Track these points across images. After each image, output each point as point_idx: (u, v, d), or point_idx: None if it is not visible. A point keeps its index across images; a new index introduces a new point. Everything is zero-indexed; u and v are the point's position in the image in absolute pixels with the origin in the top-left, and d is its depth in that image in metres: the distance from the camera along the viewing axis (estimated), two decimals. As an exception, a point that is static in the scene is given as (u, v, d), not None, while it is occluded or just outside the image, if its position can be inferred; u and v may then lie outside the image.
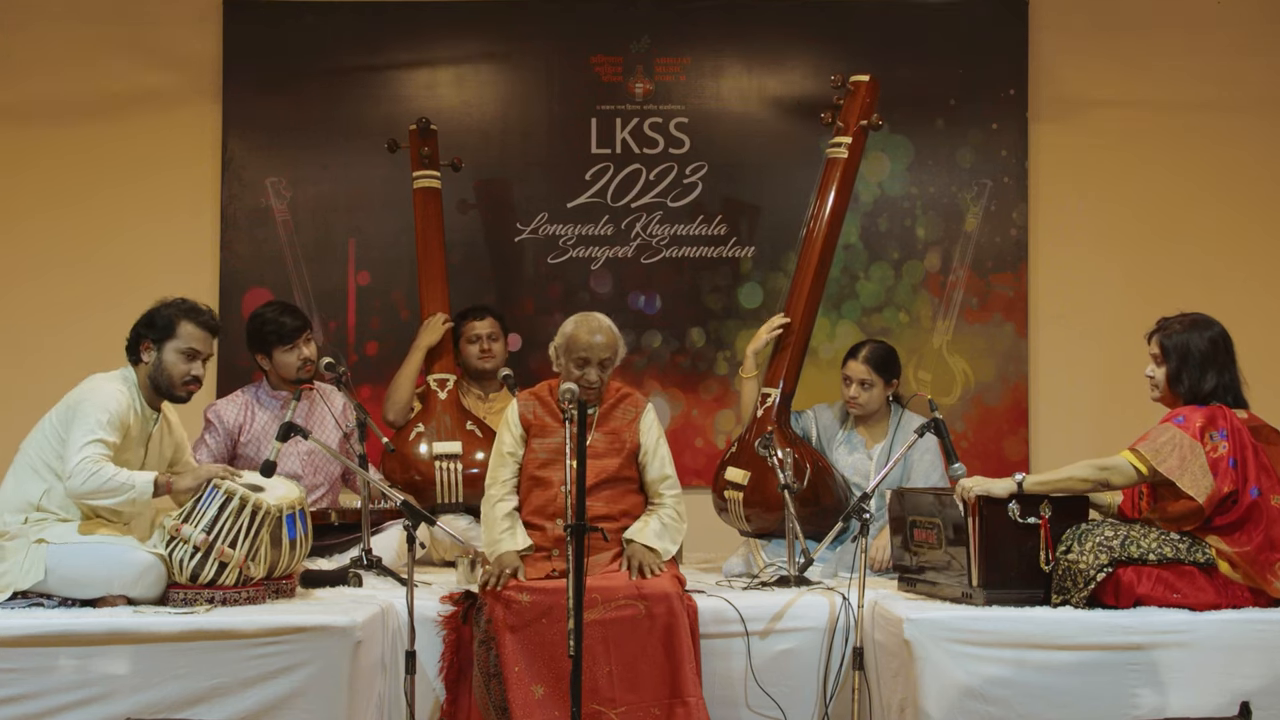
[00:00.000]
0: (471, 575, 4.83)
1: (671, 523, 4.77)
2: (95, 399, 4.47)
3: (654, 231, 6.55)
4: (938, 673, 4.25)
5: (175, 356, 4.58)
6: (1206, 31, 6.59)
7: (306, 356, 5.47)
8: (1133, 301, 6.44)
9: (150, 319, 4.61)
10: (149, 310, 4.64)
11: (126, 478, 4.41)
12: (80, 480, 4.37)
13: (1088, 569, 4.33)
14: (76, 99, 6.53)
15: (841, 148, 5.54)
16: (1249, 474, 4.36)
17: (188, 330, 4.60)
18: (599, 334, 4.72)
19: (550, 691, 4.38)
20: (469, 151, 6.26)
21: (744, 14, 6.58)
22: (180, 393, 4.63)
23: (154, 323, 4.60)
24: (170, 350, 4.58)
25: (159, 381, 4.59)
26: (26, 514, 4.45)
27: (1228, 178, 6.59)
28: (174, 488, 4.47)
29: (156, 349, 4.58)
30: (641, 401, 4.89)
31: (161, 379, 4.59)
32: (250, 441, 5.44)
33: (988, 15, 6.57)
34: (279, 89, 6.54)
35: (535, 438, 4.81)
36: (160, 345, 4.58)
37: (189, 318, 4.61)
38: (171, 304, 4.64)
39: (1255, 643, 4.26)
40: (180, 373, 4.59)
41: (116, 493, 4.39)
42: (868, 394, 5.38)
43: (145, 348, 4.59)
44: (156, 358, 4.58)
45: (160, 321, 4.59)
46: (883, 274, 6.57)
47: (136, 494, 4.40)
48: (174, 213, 6.54)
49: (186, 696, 4.08)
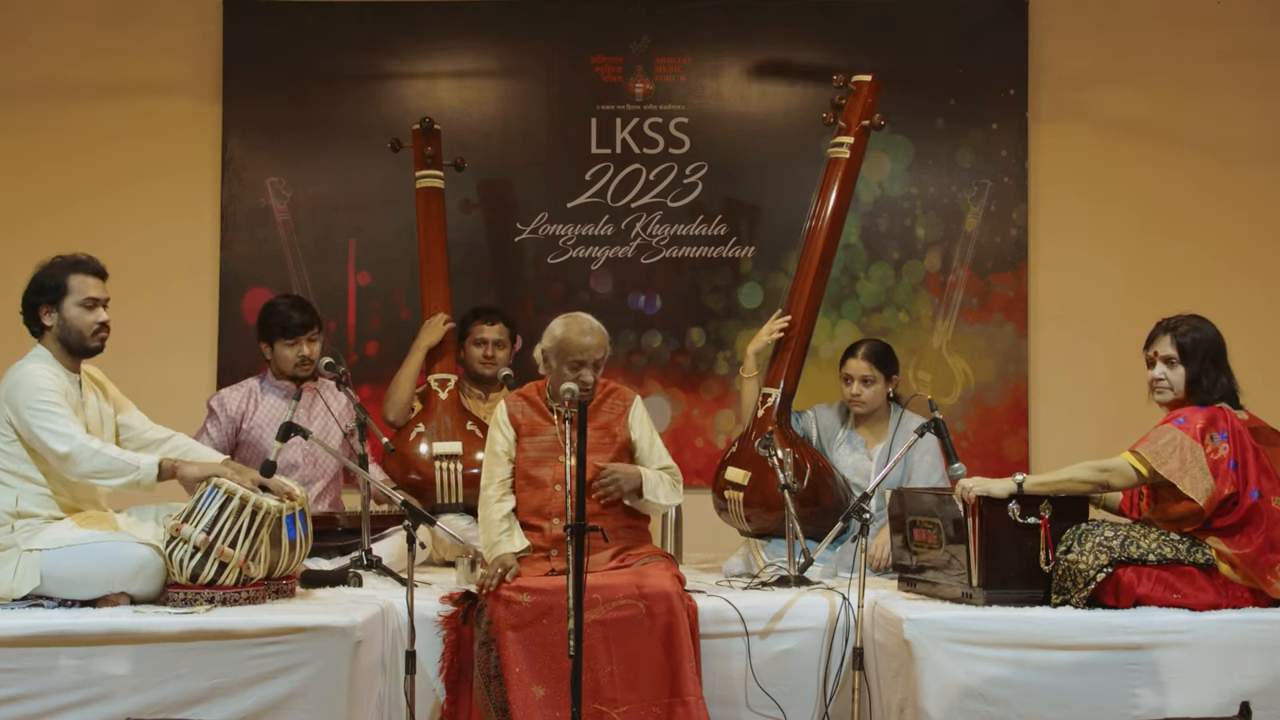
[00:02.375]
0: (471, 575, 4.83)
1: (667, 481, 4.82)
2: (29, 384, 4.41)
3: (654, 231, 6.56)
4: (938, 673, 4.25)
5: (77, 310, 4.52)
6: (1206, 31, 6.59)
7: (306, 355, 5.47)
8: (1133, 301, 6.44)
9: (38, 285, 4.53)
10: (32, 279, 4.56)
11: (131, 457, 4.41)
12: (84, 460, 4.35)
13: (1088, 569, 4.33)
14: (76, 99, 6.53)
15: (843, 148, 5.54)
16: (1250, 476, 4.36)
17: (79, 281, 4.53)
18: (589, 335, 4.72)
19: (551, 692, 4.38)
20: (469, 151, 6.26)
21: (744, 14, 6.58)
22: (93, 344, 4.56)
23: (43, 286, 4.53)
24: (70, 306, 4.52)
25: (69, 340, 4.53)
26: (10, 523, 4.42)
27: (1228, 178, 6.59)
28: (180, 474, 4.46)
29: (55, 310, 4.52)
30: (629, 395, 4.91)
31: (71, 336, 4.53)
32: (253, 429, 5.46)
33: (988, 15, 6.57)
34: (279, 89, 6.54)
35: (525, 437, 4.82)
36: (58, 305, 4.52)
37: (75, 269, 4.55)
38: (51, 263, 4.57)
39: (1255, 643, 4.25)
40: (87, 324, 4.53)
41: (121, 473, 4.38)
42: (869, 390, 5.39)
43: (45, 312, 4.52)
44: (59, 318, 4.51)
45: (49, 283, 4.52)
46: (883, 274, 6.57)
47: (140, 475, 4.39)
48: (174, 213, 6.54)
49: (186, 696, 4.08)
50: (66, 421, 4.39)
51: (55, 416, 4.39)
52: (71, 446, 4.35)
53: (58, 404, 4.41)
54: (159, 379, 6.14)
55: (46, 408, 4.39)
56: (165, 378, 6.27)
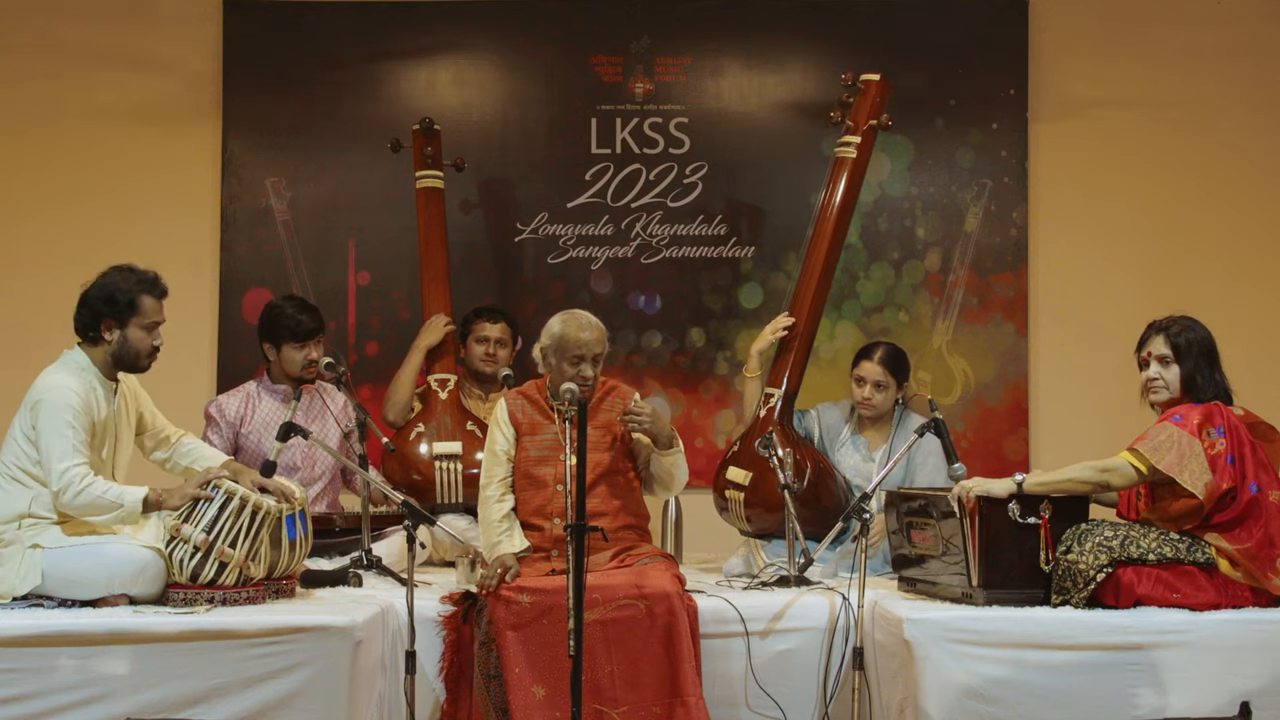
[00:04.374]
0: (471, 575, 4.83)
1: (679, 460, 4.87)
2: (53, 399, 4.40)
3: (654, 231, 6.55)
4: (938, 673, 4.25)
5: (140, 333, 4.51)
6: (1206, 31, 6.58)
7: (314, 358, 5.48)
8: (1133, 301, 6.43)
9: (110, 297, 4.48)
10: (101, 287, 4.50)
11: (116, 495, 4.38)
12: (70, 497, 4.34)
13: (1088, 569, 4.33)
14: (76, 100, 6.53)
15: (850, 147, 5.53)
16: (1247, 470, 4.36)
17: (149, 304, 4.52)
18: (588, 330, 4.73)
19: (551, 692, 4.37)
20: (469, 152, 6.26)
21: (744, 14, 6.58)
22: (144, 364, 4.56)
23: (115, 300, 4.48)
24: (135, 327, 4.50)
25: (123, 358, 4.52)
26: (17, 522, 4.42)
27: (1228, 177, 6.59)
28: (164, 505, 4.42)
29: (120, 328, 4.49)
30: (628, 393, 4.92)
31: (126, 354, 4.52)
32: (252, 433, 5.46)
33: (988, 15, 6.57)
34: (279, 89, 6.54)
35: (525, 436, 4.83)
36: (123, 323, 4.50)
37: (148, 291, 4.53)
38: (124, 278, 4.52)
39: (1255, 643, 4.26)
40: (146, 347, 4.53)
41: (106, 510, 4.36)
42: (881, 395, 5.38)
43: (107, 327, 4.50)
44: (120, 336, 4.50)
45: (122, 299, 4.48)
46: (883, 274, 6.57)
47: (125, 512, 4.37)
48: (174, 213, 6.53)
49: (186, 696, 4.08)
50: (71, 451, 4.36)
51: (65, 440, 4.36)
52: (61, 484, 4.34)
53: (73, 427, 4.38)
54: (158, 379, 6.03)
55: (60, 428, 4.37)
56: (165, 377, 6.18)
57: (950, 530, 4.52)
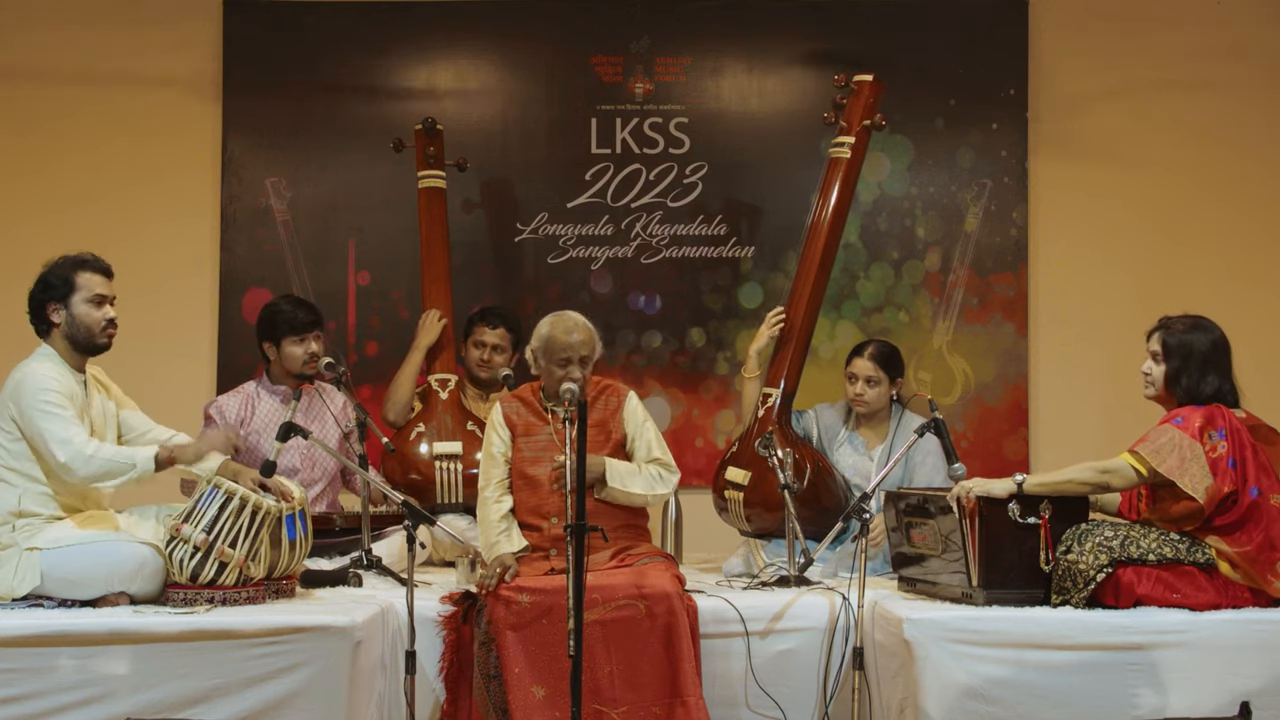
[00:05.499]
0: (471, 575, 4.83)
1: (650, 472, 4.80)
2: (32, 384, 4.42)
3: (654, 231, 6.56)
4: (938, 673, 4.25)
5: (85, 307, 4.53)
6: (1206, 31, 6.59)
7: (314, 351, 5.47)
8: (1133, 301, 6.44)
9: (45, 283, 4.54)
10: (39, 277, 4.56)
11: (128, 455, 4.41)
12: (82, 465, 4.36)
13: (1088, 569, 4.33)
14: (76, 99, 6.53)
15: (844, 148, 5.54)
16: (1248, 474, 4.36)
17: (86, 278, 4.55)
18: (575, 332, 4.74)
19: (551, 692, 4.37)
20: (469, 151, 6.26)
21: (744, 14, 6.58)
22: (101, 340, 4.58)
23: (50, 284, 4.53)
24: (78, 303, 4.53)
25: (77, 338, 4.54)
26: (11, 522, 4.42)
27: (1228, 177, 6.59)
28: (177, 459, 4.46)
29: (64, 307, 4.53)
30: (623, 391, 4.92)
31: (79, 333, 4.54)
32: (251, 434, 5.45)
33: (988, 15, 6.57)
34: (279, 89, 6.54)
35: (520, 437, 4.83)
36: (65, 302, 4.52)
37: (82, 267, 4.56)
38: (58, 262, 4.58)
39: (1255, 643, 4.26)
40: (95, 320, 4.55)
41: (119, 472, 4.39)
42: (874, 391, 5.38)
43: (52, 310, 4.53)
44: (66, 315, 4.52)
45: (56, 280, 4.53)
46: (883, 274, 6.57)
47: (139, 472, 4.41)
48: (174, 213, 6.53)
49: (186, 696, 4.08)
50: (67, 425, 4.39)
51: (57, 418, 4.39)
52: (69, 454, 4.36)
53: (61, 405, 4.41)
54: (159, 379, 6.13)
55: (49, 409, 4.40)
56: (165, 377, 6.26)
57: (950, 530, 4.52)
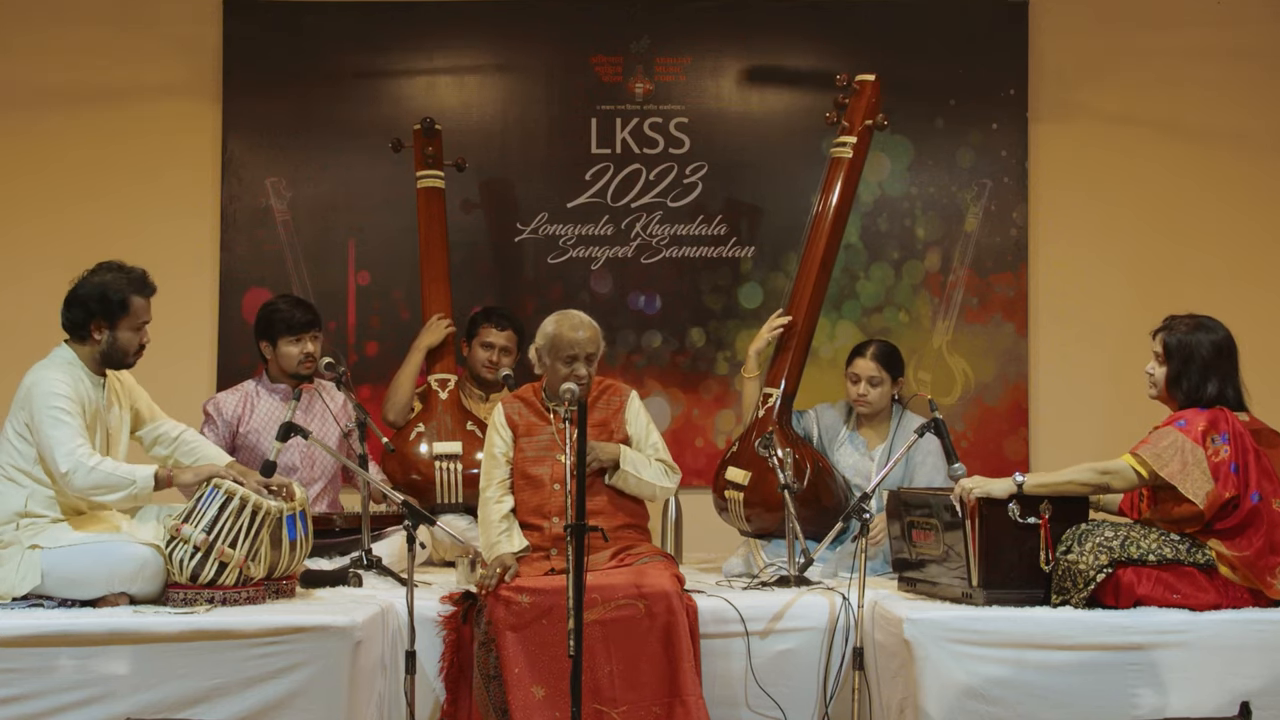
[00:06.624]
0: (471, 575, 4.83)
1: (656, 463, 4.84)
2: (43, 390, 4.41)
3: (654, 231, 6.56)
4: (938, 673, 4.25)
5: (129, 334, 4.54)
6: (1206, 31, 6.59)
7: (309, 352, 5.48)
8: (1133, 301, 6.44)
9: (102, 296, 4.49)
10: (94, 286, 4.50)
11: (127, 472, 4.40)
12: (80, 477, 4.36)
13: (1088, 569, 4.33)
14: (76, 100, 6.52)
15: (846, 147, 5.54)
16: (1250, 478, 4.35)
17: (139, 304, 4.54)
18: (582, 329, 4.75)
19: (550, 692, 4.38)
20: (468, 151, 6.26)
21: (744, 14, 6.58)
22: (130, 361, 4.58)
23: (107, 300, 4.49)
24: (124, 329, 4.52)
25: (111, 356, 4.54)
26: (15, 521, 4.42)
27: (1228, 177, 6.59)
28: (176, 481, 4.45)
29: (110, 328, 4.51)
30: (625, 390, 4.94)
31: (115, 353, 4.54)
32: (250, 432, 5.46)
33: (988, 15, 6.57)
34: (279, 89, 6.54)
35: (522, 437, 4.84)
36: (114, 324, 4.51)
37: (139, 291, 4.55)
38: (115, 278, 4.52)
39: (1255, 643, 4.25)
40: (133, 344, 4.55)
41: (118, 487, 4.39)
42: (876, 391, 5.39)
43: (98, 327, 4.51)
44: (110, 336, 4.52)
45: (115, 299, 4.49)
46: (883, 274, 6.57)
47: (138, 489, 4.40)
48: (174, 213, 6.53)
49: (186, 696, 4.08)
50: (72, 434, 4.38)
51: (65, 426, 4.38)
52: (71, 463, 4.35)
53: (69, 414, 4.40)
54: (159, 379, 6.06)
55: (57, 416, 4.39)
56: (165, 377, 6.19)
57: (950, 530, 4.52)
